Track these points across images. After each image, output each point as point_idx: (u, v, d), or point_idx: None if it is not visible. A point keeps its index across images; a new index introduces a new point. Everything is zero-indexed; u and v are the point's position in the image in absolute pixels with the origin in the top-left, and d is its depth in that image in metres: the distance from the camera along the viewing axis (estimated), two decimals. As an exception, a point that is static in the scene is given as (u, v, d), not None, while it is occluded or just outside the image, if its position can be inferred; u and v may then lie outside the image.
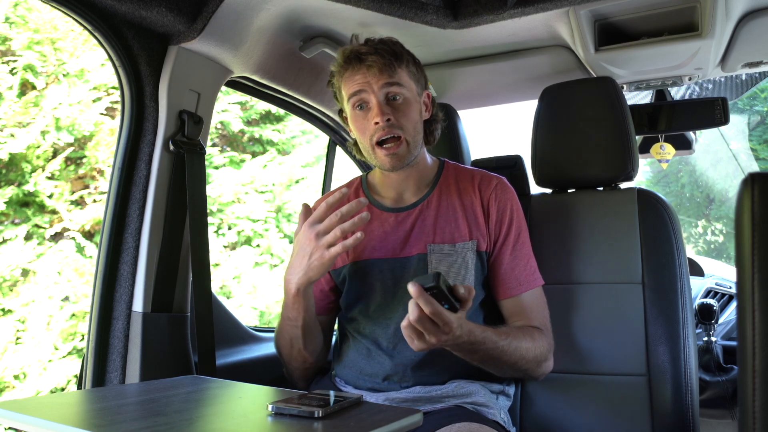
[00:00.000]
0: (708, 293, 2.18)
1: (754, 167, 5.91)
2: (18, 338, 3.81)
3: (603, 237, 1.35)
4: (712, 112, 1.76)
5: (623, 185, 1.43)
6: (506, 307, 1.22)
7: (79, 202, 4.18)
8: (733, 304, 2.18)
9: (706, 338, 1.92)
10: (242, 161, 5.23)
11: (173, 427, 0.70)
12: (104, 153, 4.17)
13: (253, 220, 5.13)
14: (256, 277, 5.06)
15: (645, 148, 1.93)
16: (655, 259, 1.29)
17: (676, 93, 1.94)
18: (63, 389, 3.82)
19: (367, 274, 1.22)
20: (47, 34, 4.01)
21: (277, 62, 1.48)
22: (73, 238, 4.05)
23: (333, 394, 0.84)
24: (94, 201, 4.17)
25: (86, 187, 4.21)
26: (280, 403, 0.77)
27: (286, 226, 5.38)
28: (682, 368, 1.23)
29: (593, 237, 1.36)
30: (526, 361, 1.13)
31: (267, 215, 5.20)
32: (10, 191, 3.86)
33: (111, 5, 1.11)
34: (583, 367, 1.29)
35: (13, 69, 3.90)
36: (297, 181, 5.52)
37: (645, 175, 7.55)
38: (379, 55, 1.14)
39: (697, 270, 2.17)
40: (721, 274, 2.34)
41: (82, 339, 3.90)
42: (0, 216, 3.86)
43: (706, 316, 1.90)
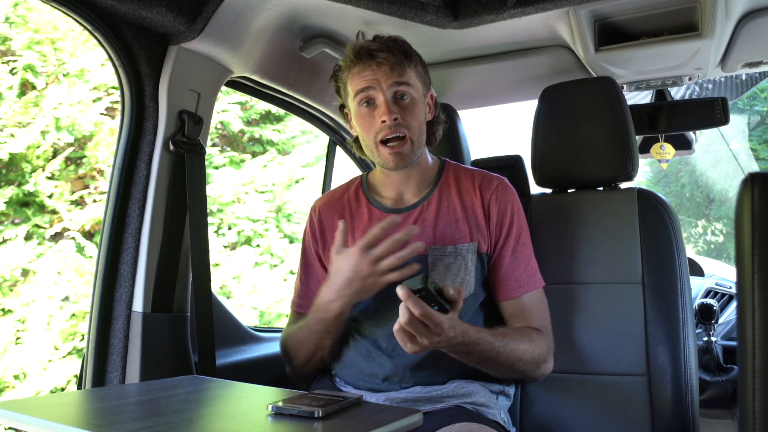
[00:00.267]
0: (708, 293, 2.18)
1: (754, 167, 5.91)
2: (18, 338, 3.81)
3: (603, 237, 1.35)
4: (712, 112, 1.76)
5: (623, 185, 1.43)
6: (506, 308, 1.22)
7: (79, 202, 4.18)
8: (733, 304, 2.18)
9: (706, 338, 1.92)
10: (242, 161, 5.22)
11: (173, 427, 0.70)
12: (104, 153, 4.17)
13: (253, 220, 5.13)
14: (256, 277, 5.06)
15: (645, 148, 1.93)
16: (655, 259, 1.29)
17: (676, 93, 1.94)
18: (63, 389, 3.82)
19: None
20: (47, 34, 4.00)
21: (277, 62, 1.48)
22: (73, 238, 4.05)
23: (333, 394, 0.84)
24: (94, 201, 4.17)
25: (86, 187, 4.21)
26: (280, 403, 0.77)
27: (286, 226, 5.38)
28: (682, 368, 1.23)
29: (593, 237, 1.36)
30: (524, 363, 1.12)
31: (267, 215, 5.20)
32: (10, 191, 3.86)
33: (111, 5, 1.11)
34: (583, 367, 1.29)
35: (13, 69, 3.89)
36: (297, 181, 5.52)
37: (645, 175, 7.55)
38: (390, 53, 1.14)
39: (697, 270, 2.17)
40: (721, 274, 2.34)
41: (82, 339, 3.90)
42: (0, 216, 3.86)
43: (706, 316, 1.90)
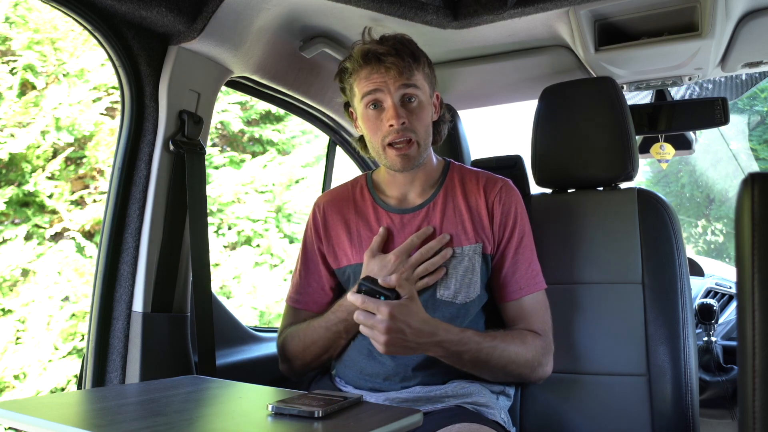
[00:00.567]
0: (708, 293, 2.18)
1: (754, 167, 5.91)
2: (18, 338, 3.81)
3: (603, 237, 1.35)
4: (712, 112, 1.76)
5: (623, 185, 1.43)
6: (507, 310, 1.22)
7: (79, 202, 4.18)
8: (733, 304, 2.18)
9: (706, 338, 1.92)
10: (242, 161, 5.22)
11: (173, 427, 0.70)
12: (104, 153, 4.17)
13: (253, 220, 5.13)
14: (256, 277, 5.06)
15: (645, 148, 1.93)
16: (655, 259, 1.29)
17: (676, 93, 1.94)
18: (63, 389, 3.82)
19: None
20: (47, 34, 4.00)
21: (277, 62, 1.48)
22: (73, 238, 4.05)
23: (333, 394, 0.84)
24: (94, 201, 4.17)
25: (86, 187, 4.21)
26: (280, 403, 0.77)
27: (286, 226, 5.38)
28: (682, 368, 1.23)
29: (593, 237, 1.36)
30: (518, 365, 1.12)
31: (267, 215, 5.20)
32: (10, 191, 3.86)
33: (111, 5, 1.11)
34: (583, 367, 1.29)
35: (13, 69, 3.89)
36: (297, 181, 5.52)
37: (645, 175, 7.55)
38: (399, 57, 1.13)
39: (697, 270, 2.17)
40: (721, 274, 2.34)
41: (82, 339, 3.90)
42: (0, 216, 3.86)
43: (706, 316, 1.90)
